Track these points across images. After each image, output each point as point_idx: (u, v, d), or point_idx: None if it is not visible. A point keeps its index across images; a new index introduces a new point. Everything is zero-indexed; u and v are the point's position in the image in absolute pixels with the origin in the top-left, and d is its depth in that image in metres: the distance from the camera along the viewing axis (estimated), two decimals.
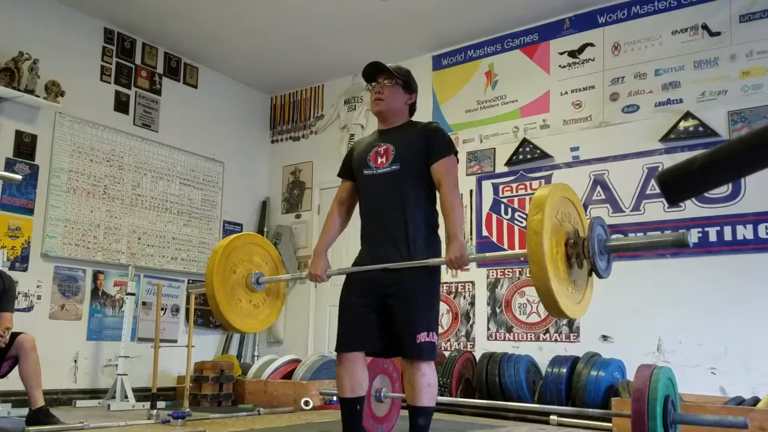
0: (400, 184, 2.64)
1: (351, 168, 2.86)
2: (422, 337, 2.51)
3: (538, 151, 5.33)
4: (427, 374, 2.52)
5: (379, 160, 2.70)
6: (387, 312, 2.58)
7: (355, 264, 2.76)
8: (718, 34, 4.72)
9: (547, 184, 5.27)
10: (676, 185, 1.06)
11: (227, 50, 6.23)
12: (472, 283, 5.53)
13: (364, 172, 2.74)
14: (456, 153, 2.72)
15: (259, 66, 6.56)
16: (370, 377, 3.42)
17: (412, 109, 2.89)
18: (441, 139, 2.70)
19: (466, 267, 2.75)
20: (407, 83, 2.82)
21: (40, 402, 3.68)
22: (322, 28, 5.76)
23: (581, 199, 5.07)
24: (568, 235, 2.28)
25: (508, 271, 5.36)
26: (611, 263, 2.36)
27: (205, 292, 3.00)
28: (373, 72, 2.81)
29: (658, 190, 1.36)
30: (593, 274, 2.40)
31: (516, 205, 5.41)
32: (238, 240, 3.16)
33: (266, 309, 3.25)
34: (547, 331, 5.09)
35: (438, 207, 2.72)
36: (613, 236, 2.36)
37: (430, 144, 2.67)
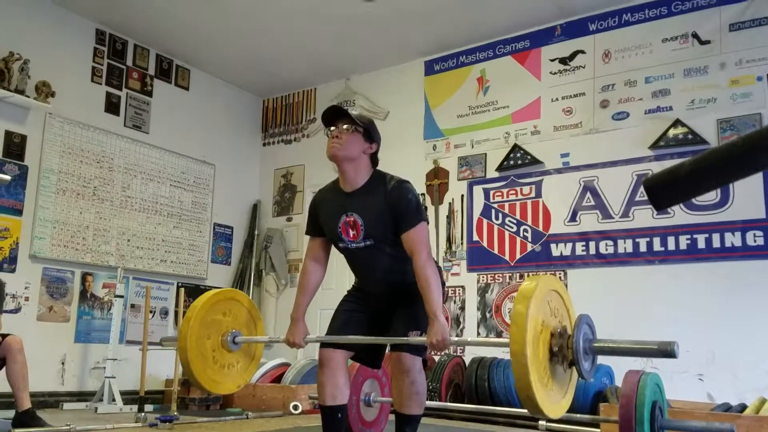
0: (378, 256, 2.61)
1: (319, 226, 2.74)
2: (413, 334, 2.50)
3: (529, 157, 5.35)
4: (417, 382, 2.49)
5: (351, 233, 2.59)
6: (382, 320, 2.60)
7: (353, 290, 2.81)
8: (708, 42, 4.76)
9: (537, 189, 5.29)
10: (662, 191, 1.07)
11: (219, 53, 6.22)
12: (463, 287, 5.54)
13: (339, 245, 2.66)
14: (426, 219, 2.58)
15: (251, 69, 6.56)
16: (360, 381, 3.42)
17: (374, 160, 2.69)
18: (407, 207, 2.53)
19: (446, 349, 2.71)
20: (368, 132, 2.62)
21: (26, 404, 3.65)
22: (315, 33, 5.77)
23: (571, 204, 5.10)
24: (553, 330, 2.19)
25: (498, 276, 5.38)
26: (595, 364, 2.26)
27: (179, 355, 2.84)
28: (333, 116, 2.64)
29: (647, 197, 1.37)
30: (575, 373, 2.30)
31: (506, 211, 5.42)
32: (215, 297, 2.96)
33: (240, 370, 3.03)
34: None
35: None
36: (600, 338, 2.28)
37: (397, 215, 2.54)
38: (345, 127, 2.58)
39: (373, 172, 2.67)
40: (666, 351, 2.07)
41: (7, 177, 3.71)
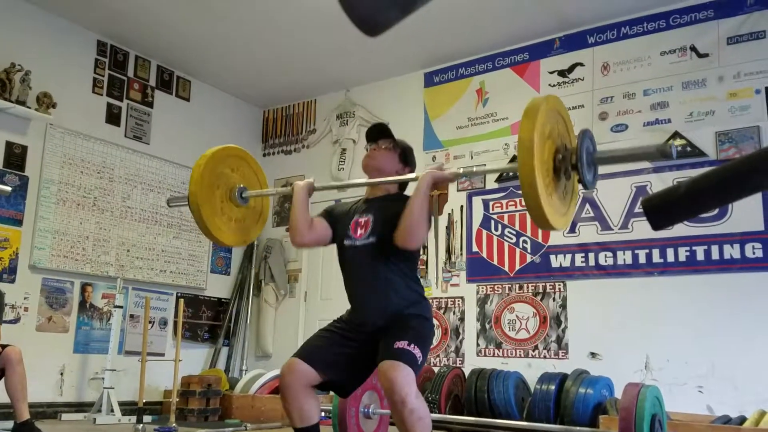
0: (376, 258, 2.56)
1: (328, 217, 2.76)
2: (402, 344, 2.37)
3: None
4: (416, 409, 2.28)
5: (359, 231, 2.63)
6: (369, 354, 2.45)
7: (342, 318, 2.69)
8: (707, 55, 4.79)
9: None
10: (660, 211, 1.08)
11: (220, 64, 6.25)
12: (462, 298, 5.54)
13: (345, 242, 2.67)
14: (426, 230, 2.60)
15: (251, 80, 6.58)
16: (359, 393, 3.43)
17: (402, 185, 2.81)
18: None
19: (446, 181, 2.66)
20: (405, 155, 2.80)
21: (25, 415, 3.65)
22: (315, 45, 5.79)
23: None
24: (557, 147, 2.26)
25: (498, 287, 5.38)
26: (597, 176, 2.36)
27: (189, 203, 2.84)
28: (377, 134, 2.79)
29: (645, 218, 1.39)
30: (576, 188, 2.42)
31: (506, 222, 5.44)
32: (225, 151, 3.04)
33: (248, 226, 3.08)
34: (536, 347, 5.10)
35: (421, 279, 2.66)
36: (600, 149, 2.35)
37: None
38: (384, 144, 2.75)
39: (399, 192, 2.80)
40: (664, 151, 2.13)
41: (8, 188, 3.72)
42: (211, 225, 2.85)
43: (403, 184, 2.81)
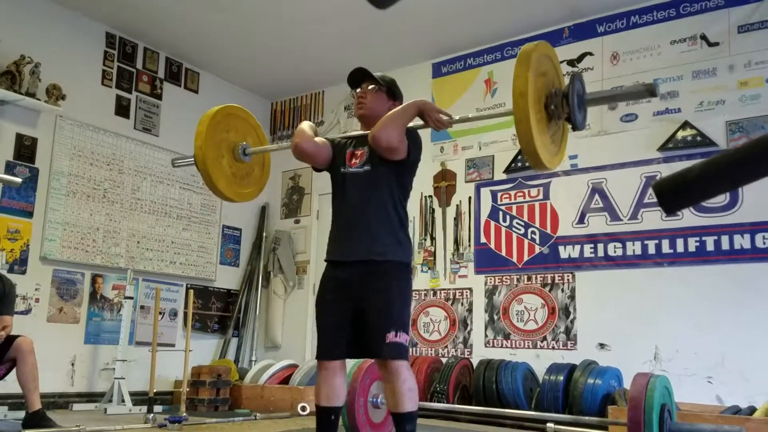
0: (370, 185, 2.68)
1: (333, 145, 2.87)
2: (391, 336, 2.51)
3: None
4: (408, 379, 2.51)
5: (353, 160, 2.76)
6: (360, 313, 2.59)
7: (327, 258, 2.80)
8: (717, 44, 4.75)
9: (545, 191, 5.29)
10: (672, 195, 1.07)
11: (228, 56, 6.26)
12: (470, 289, 5.54)
13: (340, 170, 2.79)
14: (417, 158, 2.78)
15: (259, 72, 6.59)
16: (367, 383, 3.45)
17: None
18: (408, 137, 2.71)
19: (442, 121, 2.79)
20: (391, 90, 2.88)
21: (37, 405, 3.69)
22: (322, 36, 5.79)
23: (579, 206, 5.10)
24: (548, 90, 2.36)
25: (506, 279, 5.37)
26: (586, 117, 2.49)
27: (194, 160, 2.98)
28: (358, 78, 2.87)
29: (655, 199, 1.39)
30: (567, 130, 2.55)
31: (514, 213, 5.43)
32: (215, 117, 3.12)
33: (258, 175, 3.29)
34: (545, 338, 5.10)
35: (409, 208, 2.81)
36: (590, 92, 2.48)
37: None
38: (369, 87, 2.83)
39: None
40: (650, 90, 2.31)
41: (18, 179, 3.75)
42: (231, 193, 3.09)
43: None
